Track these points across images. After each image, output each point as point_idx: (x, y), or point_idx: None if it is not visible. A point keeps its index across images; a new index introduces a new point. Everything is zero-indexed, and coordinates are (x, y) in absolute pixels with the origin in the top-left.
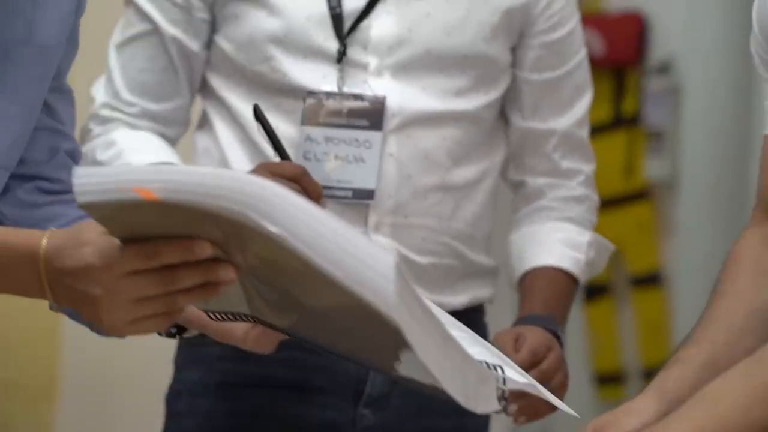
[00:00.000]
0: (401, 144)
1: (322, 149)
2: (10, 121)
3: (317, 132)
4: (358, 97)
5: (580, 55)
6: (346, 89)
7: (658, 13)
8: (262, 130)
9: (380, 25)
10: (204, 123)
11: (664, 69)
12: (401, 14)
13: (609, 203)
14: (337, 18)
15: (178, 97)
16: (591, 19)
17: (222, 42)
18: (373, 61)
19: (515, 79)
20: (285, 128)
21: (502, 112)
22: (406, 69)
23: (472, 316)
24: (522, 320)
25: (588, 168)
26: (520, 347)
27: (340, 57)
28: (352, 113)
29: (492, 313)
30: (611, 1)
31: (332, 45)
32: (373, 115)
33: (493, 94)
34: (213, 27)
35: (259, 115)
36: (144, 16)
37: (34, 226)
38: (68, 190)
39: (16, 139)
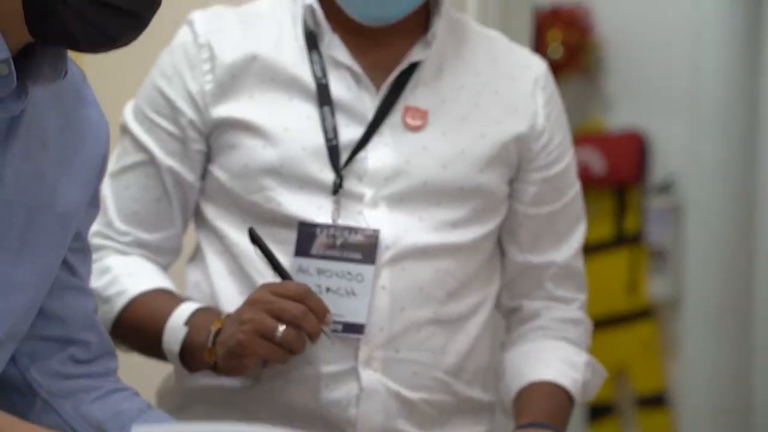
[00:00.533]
0: (395, 277)
1: (315, 281)
2: (28, 289)
3: (310, 263)
4: (352, 230)
5: (576, 187)
6: (340, 221)
7: (658, 132)
8: (259, 253)
9: (377, 157)
10: (196, 255)
11: (666, 187)
12: (398, 147)
13: (612, 322)
14: (333, 150)
15: (171, 227)
16: (592, 138)
17: (217, 171)
18: (368, 192)
19: (513, 213)
20: (278, 258)
21: (498, 242)
22: (402, 200)
23: None
24: (525, 426)
25: (582, 296)
26: None
27: (336, 189)
28: (345, 246)
29: None
30: (612, 120)
31: (328, 176)
32: (366, 249)
33: (490, 225)
34: (208, 157)
35: (255, 238)
36: (140, 146)
37: (67, 396)
38: (96, 357)
39: (30, 306)
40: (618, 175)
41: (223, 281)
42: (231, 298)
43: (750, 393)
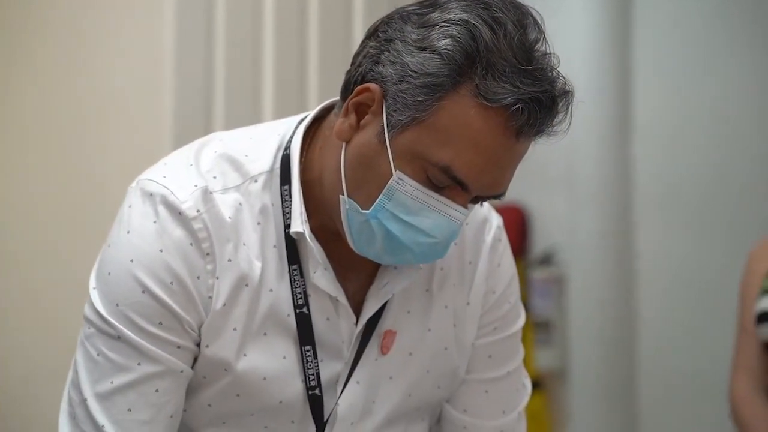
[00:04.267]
0: None
1: None
2: None
3: None
4: None
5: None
6: None
7: (538, 205)
8: None
9: (347, 402)
10: None
11: (547, 259)
12: (367, 382)
13: None
14: (316, 400)
15: None
16: None
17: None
18: None
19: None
20: None
21: None
22: None
23: None
24: None
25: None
26: None
27: None
28: None
29: None
30: None
31: (309, 428)
32: None
33: None
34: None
35: None
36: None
37: None
38: None
39: None
40: None
41: None
42: None
43: None
